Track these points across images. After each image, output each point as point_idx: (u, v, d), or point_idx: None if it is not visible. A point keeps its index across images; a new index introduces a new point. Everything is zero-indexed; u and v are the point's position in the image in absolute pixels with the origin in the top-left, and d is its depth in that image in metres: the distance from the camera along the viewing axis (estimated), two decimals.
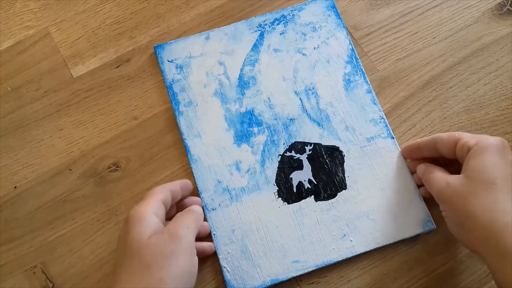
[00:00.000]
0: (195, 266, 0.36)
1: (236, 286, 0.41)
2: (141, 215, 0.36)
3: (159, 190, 0.39)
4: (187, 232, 0.36)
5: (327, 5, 0.50)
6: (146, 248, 0.34)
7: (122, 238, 0.36)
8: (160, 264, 0.33)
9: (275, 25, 0.50)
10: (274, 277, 0.41)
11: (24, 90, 0.48)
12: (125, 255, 0.35)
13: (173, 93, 0.47)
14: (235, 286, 0.41)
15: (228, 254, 0.42)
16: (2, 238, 0.43)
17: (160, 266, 0.33)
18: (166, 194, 0.39)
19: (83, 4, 0.51)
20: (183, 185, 0.42)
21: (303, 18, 0.50)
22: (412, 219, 0.42)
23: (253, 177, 0.44)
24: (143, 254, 0.34)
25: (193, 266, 0.36)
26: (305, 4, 0.51)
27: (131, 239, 0.35)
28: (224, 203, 0.44)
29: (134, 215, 0.36)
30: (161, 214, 0.37)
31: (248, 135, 0.46)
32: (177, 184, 0.41)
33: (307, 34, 0.49)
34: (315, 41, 0.49)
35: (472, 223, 0.34)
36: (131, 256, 0.34)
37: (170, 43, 0.49)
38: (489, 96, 0.48)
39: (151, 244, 0.34)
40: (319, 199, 0.44)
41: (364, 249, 0.42)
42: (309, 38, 0.49)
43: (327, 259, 0.42)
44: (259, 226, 0.43)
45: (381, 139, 0.45)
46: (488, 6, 0.51)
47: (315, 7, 0.50)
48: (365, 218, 0.43)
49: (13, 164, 0.46)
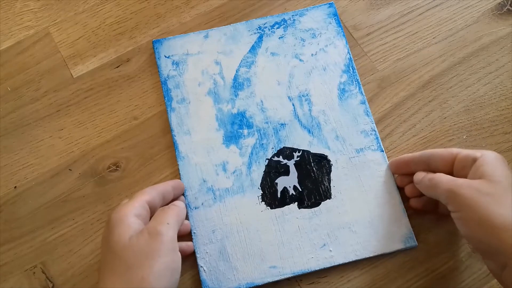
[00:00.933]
0: (177, 262, 0.36)
1: (211, 286, 0.41)
2: (121, 217, 0.36)
3: (147, 191, 0.39)
4: (167, 228, 0.36)
5: (328, 13, 0.50)
6: (127, 249, 0.34)
7: (105, 239, 0.36)
8: (142, 263, 0.34)
9: (274, 28, 0.50)
10: (250, 280, 0.41)
11: (24, 90, 0.48)
12: (107, 256, 0.35)
13: (167, 89, 0.47)
14: (210, 287, 0.41)
15: (206, 254, 0.42)
16: (2, 238, 0.43)
17: (142, 265, 0.34)
18: (153, 195, 0.39)
19: (83, 4, 0.51)
20: (175, 185, 0.42)
21: (304, 24, 0.50)
22: (394, 235, 0.42)
23: (239, 179, 0.44)
24: (124, 256, 0.34)
25: (175, 262, 0.36)
26: (307, 10, 0.50)
27: (112, 241, 0.35)
28: (207, 203, 0.44)
29: (114, 217, 0.36)
30: (144, 215, 0.37)
31: (238, 137, 0.46)
32: (169, 185, 0.41)
33: (306, 40, 0.49)
34: (313, 48, 0.49)
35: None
36: (113, 258, 0.35)
37: (168, 39, 0.49)
38: (489, 96, 0.48)
39: (132, 245, 0.34)
40: (302, 206, 0.44)
41: (343, 260, 0.42)
42: (308, 44, 0.49)
43: (304, 267, 0.42)
44: (240, 229, 0.43)
45: (370, 151, 0.45)
46: (488, 6, 0.51)
47: (316, 13, 0.50)
48: (347, 230, 0.43)
49: (13, 164, 0.46)
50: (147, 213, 0.38)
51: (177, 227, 0.37)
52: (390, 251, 0.42)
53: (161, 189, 0.40)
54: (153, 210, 0.39)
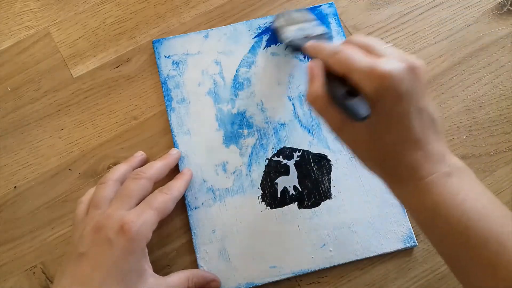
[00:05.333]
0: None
1: None
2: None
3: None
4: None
5: (328, 12, 0.50)
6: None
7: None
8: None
9: None
10: (250, 280, 0.41)
11: (24, 90, 0.48)
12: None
13: (167, 88, 0.47)
14: None
15: (206, 254, 0.42)
16: (2, 238, 0.43)
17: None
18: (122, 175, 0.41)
19: (83, 4, 0.51)
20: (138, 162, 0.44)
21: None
22: (394, 234, 0.42)
23: (239, 179, 0.44)
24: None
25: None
26: (307, 10, 0.50)
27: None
28: (207, 203, 0.44)
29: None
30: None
31: (238, 137, 0.46)
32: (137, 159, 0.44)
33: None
34: None
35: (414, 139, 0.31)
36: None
37: (168, 38, 0.49)
38: (489, 96, 0.48)
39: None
40: (302, 206, 0.44)
41: (343, 260, 0.42)
42: None
43: (304, 267, 0.42)
44: (239, 229, 0.43)
45: None
46: (488, 6, 0.51)
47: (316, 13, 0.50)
48: (347, 229, 0.43)
49: (13, 164, 0.46)
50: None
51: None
52: (390, 251, 0.42)
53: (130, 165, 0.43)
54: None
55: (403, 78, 0.30)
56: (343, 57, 0.31)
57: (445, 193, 0.30)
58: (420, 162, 0.31)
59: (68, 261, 0.36)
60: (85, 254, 0.35)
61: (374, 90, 0.29)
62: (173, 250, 0.43)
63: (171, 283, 0.37)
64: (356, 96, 0.30)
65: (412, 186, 0.31)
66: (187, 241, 0.43)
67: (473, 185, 0.31)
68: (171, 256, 0.43)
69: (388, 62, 0.30)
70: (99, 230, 0.35)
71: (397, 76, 0.29)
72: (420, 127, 0.31)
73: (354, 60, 0.30)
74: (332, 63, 0.32)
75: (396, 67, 0.29)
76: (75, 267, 0.35)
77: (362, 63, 0.30)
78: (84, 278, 0.34)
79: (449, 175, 0.31)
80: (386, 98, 0.30)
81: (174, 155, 0.44)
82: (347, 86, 0.31)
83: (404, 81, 0.30)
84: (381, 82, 0.29)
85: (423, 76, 0.31)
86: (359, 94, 0.30)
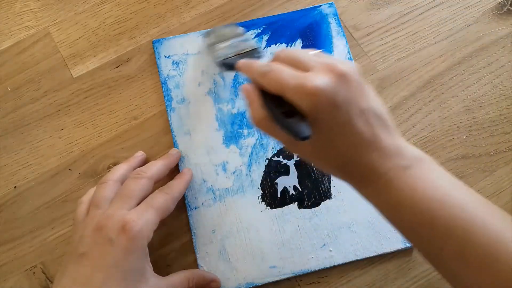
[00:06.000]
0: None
1: None
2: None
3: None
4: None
5: (328, 13, 0.50)
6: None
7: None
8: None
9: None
10: (250, 280, 0.41)
11: (24, 90, 0.48)
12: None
13: (167, 89, 0.47)
14: None
15: (206, 254, 0.42)
16: (2, 238, 0.43)
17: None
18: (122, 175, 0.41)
19: (83, 4, 0.51)
20: (137, 162, 0.43)
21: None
22: (394, 234, 0.42)
23: (239, 179, 0.44)
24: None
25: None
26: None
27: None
28: (207, 203, 0.44)
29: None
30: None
31: (238, 137, 0.46)
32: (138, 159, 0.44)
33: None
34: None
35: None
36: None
37: (168, 38, 0.49)
38: (489, 96, 0.48)
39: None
40: (302, 206, 0.44)
41: (343, 260, 0.42)
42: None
43: (304, 267, 0.42)
44: (239, 229, 0.43)
45: None
46: (488, 6, 0.51)
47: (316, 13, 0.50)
48: (347, 229, 0.43)
49: (13, 164, 0.46)
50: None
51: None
52: (390, 251, 0.42)
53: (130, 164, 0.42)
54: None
55: (334, 89, 0.29)
56: (273, 77, 0.31)
57: (405, 187, 0.30)
58: (376, 161, 0.31)
59: (69, 261, 0.36)
60: (85, 254, 0.35)
61: (308, 107, 0.29)
62: (173, 250, 0.43)
63: (172, 283, 0.37)
64: (296, 114, 0.29)
65: (374, 185, 0.31)
66: (187, 241, 0.43)
67: (433, 173, 0.31)
68: (171, 256, 0.43)
69: (316, 77, 0.29)
70: (100, 230, 0.35)
71: (327, 90, 0.29)
72: (367, 128, 0.30)
73: (284, 78, 0.30)
74: (265, 84, 0.31)
75: (324, 82, 0.29)
76: (76, 267, 0.35)
77: (291, 82, 0.29)
78: (85, 278, 0.34)
79: (408, 168, 0.30)
80: (323, 113, 0.29)
81: (174, 155, 0.44)
82: (286, 104, 0.30)
83: (336, 92, 0.29)
84: (312, 98, 0.29)
85: (355, 78, 0.30)
86: (298, 112, 0.30)
